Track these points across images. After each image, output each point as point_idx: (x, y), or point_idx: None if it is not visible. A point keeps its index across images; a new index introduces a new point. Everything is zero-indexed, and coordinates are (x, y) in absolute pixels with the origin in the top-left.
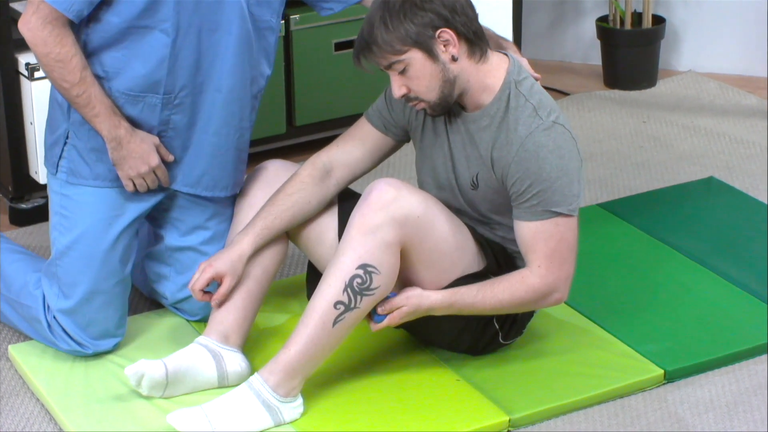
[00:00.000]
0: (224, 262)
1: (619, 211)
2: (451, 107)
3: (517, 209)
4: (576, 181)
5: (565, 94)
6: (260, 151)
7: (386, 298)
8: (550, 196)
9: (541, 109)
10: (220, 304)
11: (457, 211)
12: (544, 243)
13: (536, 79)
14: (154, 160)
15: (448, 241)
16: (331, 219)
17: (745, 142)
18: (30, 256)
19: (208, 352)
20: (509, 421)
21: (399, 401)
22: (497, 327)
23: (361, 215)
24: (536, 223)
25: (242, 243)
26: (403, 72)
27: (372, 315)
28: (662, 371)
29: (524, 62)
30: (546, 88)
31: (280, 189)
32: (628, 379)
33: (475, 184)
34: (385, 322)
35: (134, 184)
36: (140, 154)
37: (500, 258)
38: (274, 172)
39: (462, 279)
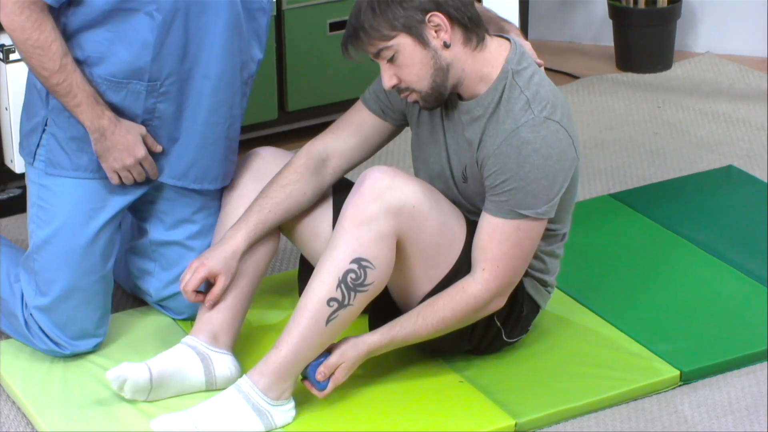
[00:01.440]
0: (217, 260)
1: (632, 202)
2: (444, 99)
3: (487, 200)
4: (558, 183)
5: (575, 77)
6: (250, 138)
7: (319, 362)
8: (521, 197)
9: (535, 103)
10: (214, 305)
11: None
12: (497, 244)
13: (539, 66)
14: (141, 151)
15: (443, 235)
16: (325, 211)
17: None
18: (13, 249)
19: (195, 354)
20: (515, 425)
21: (397, 405)
22: (498, 325)
23: (354, 206)
24: (498, 220)
25: (235, 239)
26: (392, 60)
27: (312, 383)
28: (678, 372)
29: (527, 46)
30: (554, 71)
31: (273, 180)
32: (641, 381)
33: (465, 177)
34: (330, 385)
35: (120, 177)
36: (125, 146)
37: None
38: (265, 160)
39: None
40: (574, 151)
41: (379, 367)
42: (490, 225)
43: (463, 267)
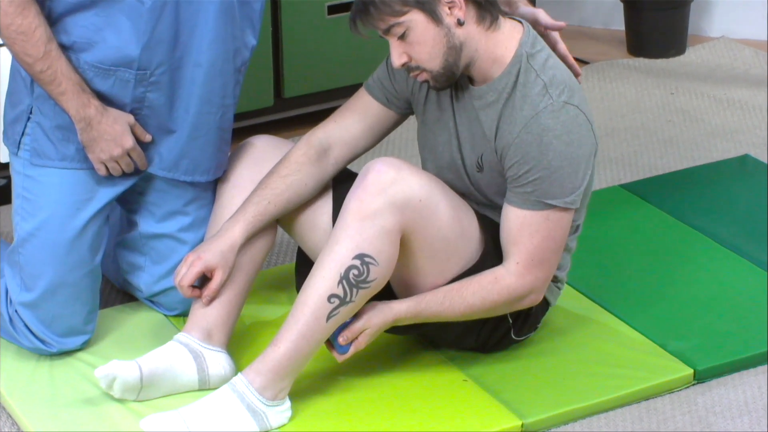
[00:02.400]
0: (214, 253)
1: (643, 193)
2: (455, 80)
3: (510, 192)
4: (581, 170)
5: (584, 62)
6: (245, 126)
7: (345, 325)
8: (547, 187)
9: (552, 87)
10: (211, 300)
11: (461, 194)
12: (528, 237)
13: (560, 28)
14: (128, 141)
15: (453, 229)
16: (325, 203)
17: None
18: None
19: (188, 352)
20: (522, 425)
21: (398, 404)
22: (510, 322)
23: (357, 199)
24: (526, 212)
25: (233, 232)
26: (402, 37)
27: (334, 345)
28: (692, 371)
29: (540, 13)
30: None
31: (273, 171)
32: (653, 380)
33: (480, 166)
34: (352, 350)
35: (107, 168)
36: (113, 136)
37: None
38: (261, 149)
39: (464, 273)
40: (593, 136)
41: (379, 364)
42: (518, 218)
43: (486, 262)
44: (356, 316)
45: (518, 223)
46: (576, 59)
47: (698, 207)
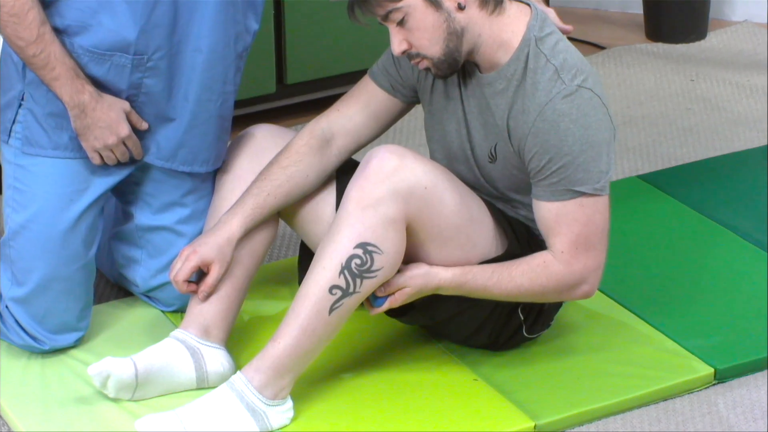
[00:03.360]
0: (211, 247)
1: (662, 184)
2: (459, 67)
3: (536, 187)
4: (604, 154)
5: (601, 48)
6: (246, 114)
7: None
8: (572, 173)
9: (564, 72)
10: (208, 296)
11: (472, 187)
12: (567, 227)
13: (567, 32)
14: (124, 129)
15: (462, 215)
16: (328, 194)
17: None
18: None
19: (185, 349)
20: (534, 427)
21: (405, 404)
22: (521, 318)
23: (359, 188)
24: (557, 204)
25: (231, 224)
26: (401, 23)
27: (370, 298)
28: (712, 370)
29: (551, 13)
30: (578, 41)
31: (273, 161)
32: (672, 379)
33: (493, 157)
34: (386, 305)
35: (101, 157)
36: (108, 123)
37: (522, 239)
38: (262, 138)
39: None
40: (610, 120)
41: (386, 363)
42: (550, 212)
43: (508, 251)
44: (398, 272)
45: (553, 215)
46: (592, 44)
47: (720, 199)
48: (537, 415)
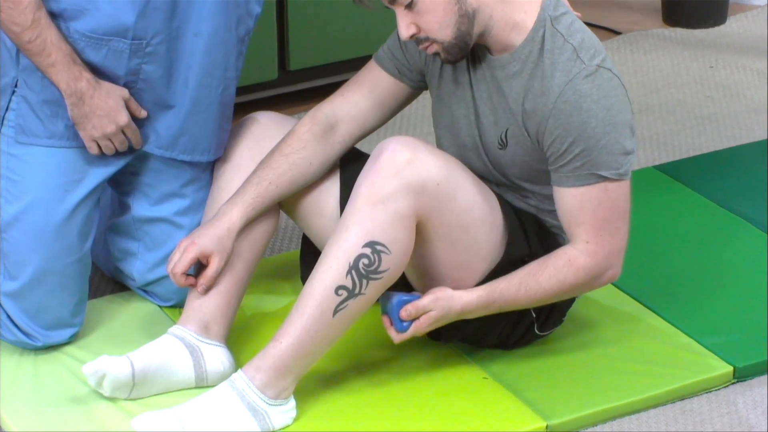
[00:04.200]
0: (210, 238)
1: (680, 175)
2: (469, 51)
3: (557, 173)
4: (627, 136)
5: (616, 33)
6: (247, 101)
7: (410, 301)
8: (596, 156)
9: (583, 51)
10: (207, 289)
11: (480, 176)
12: (592, 213)
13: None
14: (123, 117)
15: (472, 215)
16: (331, 185)
17: None
18: None
19: (184, 347)
20: (546, 427)
21: (412, 404)
22: (534, 316)
23: (368, 183)
24: (582, 189)
25: (231, 215)
26: (410, 6)
27: (393, 320)
28: (731, 368)
29: None
30: (592, 25)
31: (275, 149)
32: (689, 378)
33: (504, 143)
34: (411, 330)
35: (99, 147)
36: (106, 111)
37: (532, 238)
38: (263, 126)
39: (492, 274)
40: (629, 101)
41: (391, 361)
42: (574, 198)
43: (512, 255)
44: (423, 295)
45: (576, 202)
46: (607, 29)
47: (740, 190)
48: (549, 415)
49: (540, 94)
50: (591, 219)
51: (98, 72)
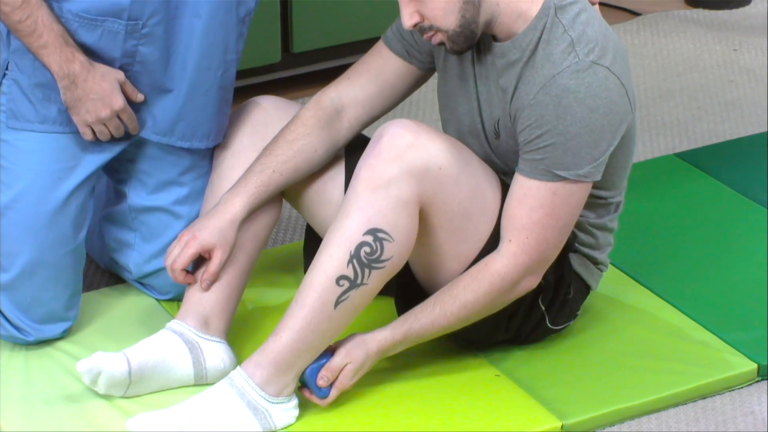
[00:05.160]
0: (211, 231)
1: (702, 163)
2: (476, 41)
3: (520, 159)
4: (605, 141)
5: (635, 14)
6: (248, 85)
7: (320, 363)
8: (560, 155)
9: (580, 44)
10: (210, 285)
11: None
12: (528, 211)
13: (592, 2)
14: (118, 101)
15: (475, 203)
16: (336, 173)
17: None
18: None
19: (182, 343)
20: (561, 427)
21: (421, 402)
22: (543, 308)
23: (369, 167)
24: (531, 182)
25: (233, 205)
26: None
27: (312, 390)
28: (755, 366)
29: None
30: (610, 6)
31: (278, 135)
32: (711, 376)
33: (497, 132)
34: (334, 391)
35: (93, 132)
36: (100, 95)
37: None
38: (266, 111)
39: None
40: (627, 103)
41: (399, 358)
42: (521, 188)
43: (495, 244)
44: (333, 352)
45: (521, 194)
46: (626, 10)
47: (763, 179)
48: (564, 415)
49: (526, 84)
50: (524, 218)
51: (93, 54)
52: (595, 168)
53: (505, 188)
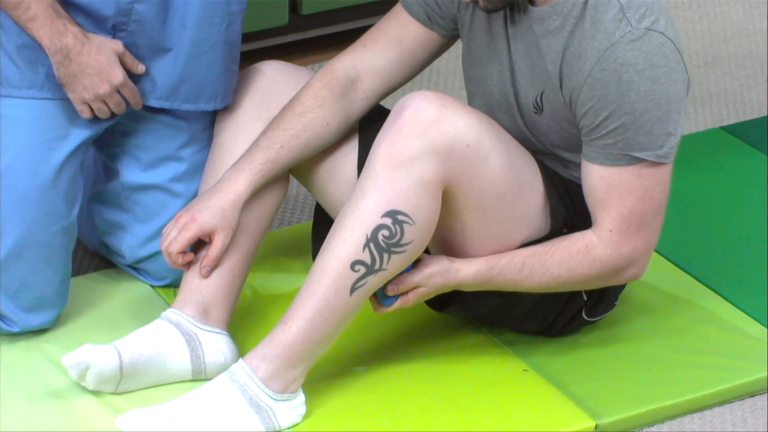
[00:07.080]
0: (213, 213)
1: (751, 137)
2: (512, 1)
3: (588, 146)
4: (674, 113)
5: None
6: (253, 49)
7: (400, 274)
8: (632, 135)
9: (631, 10)
10: (210, 272)
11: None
12: (620, 199)
13: None
14: (117, 75)
15: (509, 181)
16: (349, 148)
17: None
18: None
19: (179, 334)
20: (596, 426)
21: (442, 399)
22: (584, 299)
23: (389, 143)
24: (611, 170)
25: (237, 183)
26: None
27: (378, 294)
28: None
29: None
30: None
31: (287, 107)
32: (760, 372)
33: (539, 107)
34: (397, 304)
35: (91, 109)
36: (97, 69)
37: (579, 209)
38: (272, 78)
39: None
40: (684, 70)
41: (418, 350)
42: (602, 178)
43: (561, 227)
44: (416, 267)
45: (604, 184)
46: None
47: None
48: (598, 414)
49: (577, 57)
50: (618, 206)
51: (85, 13)
52: (672, 146)
53: (541, 167)
